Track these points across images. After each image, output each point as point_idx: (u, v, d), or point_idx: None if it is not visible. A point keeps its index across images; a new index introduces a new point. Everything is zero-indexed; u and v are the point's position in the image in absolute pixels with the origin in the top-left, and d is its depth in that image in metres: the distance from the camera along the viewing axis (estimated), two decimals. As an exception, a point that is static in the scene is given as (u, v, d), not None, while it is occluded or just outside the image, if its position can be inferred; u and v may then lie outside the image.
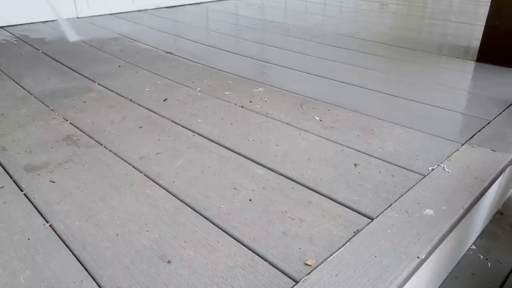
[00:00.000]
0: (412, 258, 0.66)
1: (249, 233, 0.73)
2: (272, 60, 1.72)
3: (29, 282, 0.63)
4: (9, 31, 2.18)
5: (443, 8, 3.15)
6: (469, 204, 0.80)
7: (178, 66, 1.66)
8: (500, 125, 1.14)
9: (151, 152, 1.00)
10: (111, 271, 0.65)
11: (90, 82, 1.48)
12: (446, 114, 1.21)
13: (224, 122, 1.16)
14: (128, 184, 0.88)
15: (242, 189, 0.86)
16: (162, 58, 1.78)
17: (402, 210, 0.78)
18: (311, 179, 0.89)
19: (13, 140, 1.07)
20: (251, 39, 2.09)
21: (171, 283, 0.63)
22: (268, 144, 1.04)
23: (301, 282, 0.62)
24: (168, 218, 0.77)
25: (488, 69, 1.61)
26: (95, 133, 1.10)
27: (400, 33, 2.27)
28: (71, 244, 0.71)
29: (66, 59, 1.72)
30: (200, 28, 2.32)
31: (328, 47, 1.93)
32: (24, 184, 0.88)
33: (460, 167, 0.92)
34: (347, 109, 1.24)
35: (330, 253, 0.68)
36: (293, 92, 1.37)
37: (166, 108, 1.26)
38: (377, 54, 1.84)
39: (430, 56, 1.81)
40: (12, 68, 1.61)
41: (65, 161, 0.97)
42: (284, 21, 2.53)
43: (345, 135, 1.08)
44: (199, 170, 0.93)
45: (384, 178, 0.89)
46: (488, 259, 0.93)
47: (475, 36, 1.86)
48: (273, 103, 1.29)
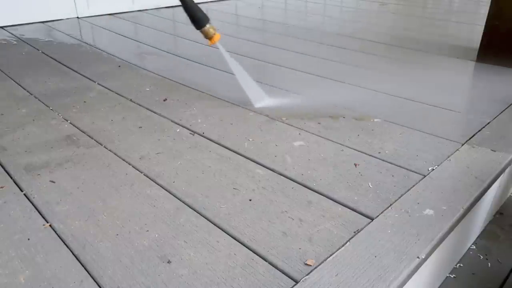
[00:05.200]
0: (412, 258, 0.66)
1: (249, 233, 0.73)
2: (271, 60, 1.72)
3: (29, 282, 0.63)
4: (9, 31, 2.18)
5: (443, 8, 3.15)
6: (469, 204, 0.80)
7: (177, 66, 1.67)
8: (500, 125, 1.14)
9: (151, 152, 1.00)
10: (111, 271, 0.65)
11: (90, 82, 1.48)
12: (446, 114, 1.21)
13: (224, 122, 1.16)
14: (128, 184, 0.88)
15: (242, 189, 0.86)
16: (162, 58, 1.78)
17: (402, 210, 0.78)
18: (311, 179, 0.89)
19: (13, 140, 1.07)
20: (251, 39, 2.09)
21: (171, 283, 0.63)
22: (268, 144, 1.04)
23: (301, 282, 0.62)
24: (168, 218, 0.77)
25: (488, 69, 1.61)
26: (95, 133, 1.10)
27: (400, 33, 2.27)
28: (71, 244, 0.71)
29: (66, 59, 1.72)
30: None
31: (328, 47, 1.93)
32: (24, 184, 0.88)
33: (460, 167, 0.92)
34: (347, 109, 1.24)
35: (330, 253, 0.68)
36: (292, 92, 1.37)
37: (166, 108, 1.26)
38: (377, 54, 1.84)
39: (430, 56, 1.81)
40: (12, 68, 1.61)
41: (65, 161, 0.97)
42: (284, 21, 2.53)
43: (345, 135, 1.08)
44: (199, 170, 0.93)
45: (384, 178, 0.89)
46: (488, 259, 0.93)
47: (475, 36, 1.85)
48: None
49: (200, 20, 1.18)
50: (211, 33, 1.19)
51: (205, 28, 1.18)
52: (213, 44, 1.21)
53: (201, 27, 1.18)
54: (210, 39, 1.20)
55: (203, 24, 1.18)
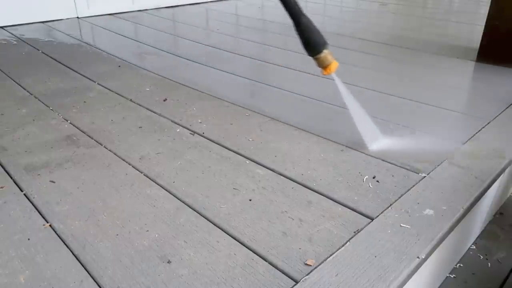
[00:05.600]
0: (412, 258, 0.66)
1: (249, 233, 0.73)
2: (271, 60, 1.72)
3: (29, 282, 0.63)
4: (9, 31, 2.18)
5: (443, 8, 3.15)
6: (469, 204, 0.80)
7: (177, 66, 1.67)
8: (500, 125, 1.14)
9: (151, 152, 1.00)
10: (111, 271, 0.65)
11: (90, 82, 1.48)
12: (446, 114, 1.21)
13: (224, 122, 1.16)
14: (128, 184, 0.88)
15: (242, 189, 0.86)
16: (162, 58, 1.78)
17: (402, 210, 0.78)
18: (311, 179, 0.89)
19: (13, 140, 1.07)
20: (251, 39, 2.09)
21: (171, 283, 0.63)
22: (268, 144, 1.04)
23: (301, 282, 0.62)
24: (168, 218, 0.77)
25: (488, 69, 1.61)
26: (95, 133, 1.10)
27: (400, 33, 2.27)
28: (71, 244, 0.71)
29: (66, 59, 1.72)
30: (199, 28, 2.32)
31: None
32: (24, 184, 0.88)
33: (460, 167, 0.92)
34: (347, 109, 1.24)
35: (330, 253, 0.68)
36: (292, 92, 1.37)
37: (166, 108, 1.26)
38: (377, 54, 1.84)
39: (430, 56, 1.81)
40: (12, 68, 1.61)
41: (65, 161, 0.97)
42: (284, 21, 2.52)
43: (345, 135, 1.08)
44: (199, 170, 0.93)
45: (384, 178, 0.89)
46: (488, 259, 0.93)
47: (475, 36, 1.85)
48: (273, 102, 1.29)
49: (317, 45, 0.94)
50: (328, 60, 0.95)
51: (322, 55, 0.94)
52: (328, 74, 0.97)
53: (317, 54, 0.95)
54: (326, 68, 0.96)
55: (319, 50, 0.94)
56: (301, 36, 0.95)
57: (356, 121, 1.03)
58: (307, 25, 0.95)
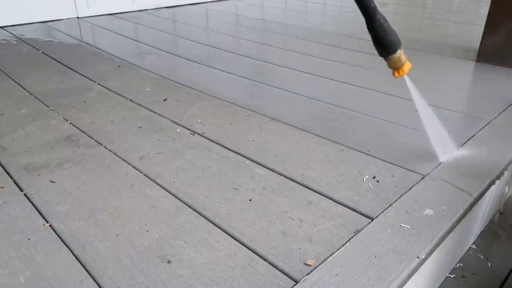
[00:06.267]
0: (412, 258, 0.66)
1: (249, 233, 0.73)
2: (271, 60, 1.72)
3: (29, 282, 0.63)
4: (9, 31, 2.18)
5: (443, 8, 3.15)
6: (469, 204, 0.80)
7: (177, 66, 1.67)
8: (500, 125, 1.14)
9: (151, 152, 1.00)
10: (111, 271, 0.65)
11: (90, 82, 1.48)
12: (446, 114, 1.21)
13: (224, 122, 1.16)
14: (128, 184, 0.88)
15: (242, 189, 0.86)
16: (162, 58, 1.78)
17: (402, 210, 0.78)
18: (311, 179, 0.89)
19: (13, 140, 1.07)
20: (251, 39, 2.09)
21: (171, 283, 0.63)
22: (268, 144, 1.04)
23: (301, 282, 0.62)
24: (168, 218, 0.77)
25: (488, 69, 1.61)
26: (95, 133, 1.10)
27: (400, 33, 2.26)
28: (71, 244, 0.71)
29: (66, 59, 1.72)
30: (199, 28, 2.32)
31: (328, 47, 1.93)
32: (24, 184, 0.88)
33: (460, 167, 0.92)
34: (347, 109, 1.24)
35: (330, 253, 0.68)
36: (292, 92, 1.37)
37: (166, 108, 1.26)
38: (377, 54, 1.84)
39: (430, 56, 1.81)
40: (12, 68, 1.61)
41: (65, 161, 0.97)
42: (284, 21, 2.52)
43: (345, 135, 1.08)
44: (199, 170, 0.93)
45: (384, 178, 0.89)
46: (488, 259, 0.93)
47: (475, 36, 1.85)
48: (273, 102, 1.29)
49: (392, 45, 0.89)
50: (401, 61, 0.89)
51: (396, 56, 0.89)
52: (400, 76, 0.91)
53: (392, 54, 0.89)
54: (398, 69, 0.90)
55: (394, 50, 0.89)
56: (375, 34, 0.89)
57: (427, 130, 0.95)
58: (381, 23, 0.88)
